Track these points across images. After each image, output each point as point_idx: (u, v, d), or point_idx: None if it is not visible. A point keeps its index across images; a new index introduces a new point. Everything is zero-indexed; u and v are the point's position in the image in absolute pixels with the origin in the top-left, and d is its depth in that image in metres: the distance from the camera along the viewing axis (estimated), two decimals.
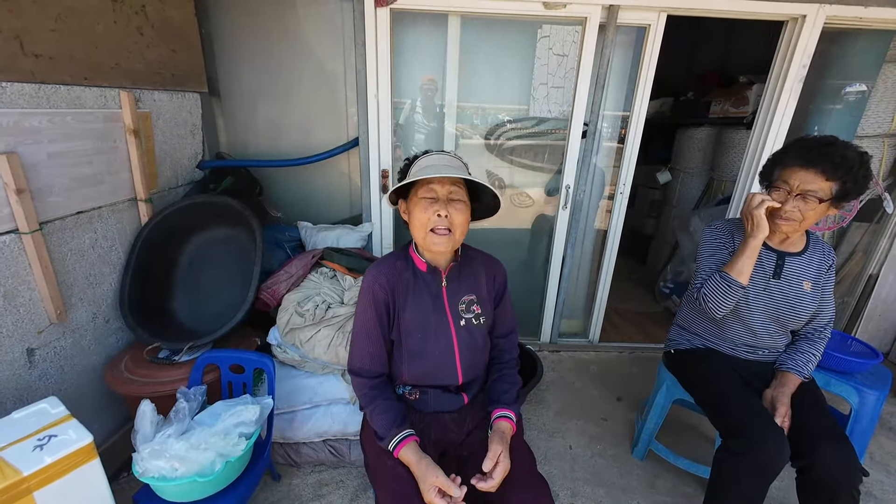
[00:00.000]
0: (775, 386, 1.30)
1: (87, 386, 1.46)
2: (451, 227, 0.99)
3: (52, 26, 1.24)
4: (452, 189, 0.99)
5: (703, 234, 1.43)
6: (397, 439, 0.97)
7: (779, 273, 1.32)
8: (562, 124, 2.14)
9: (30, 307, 1.24)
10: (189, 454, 1.09)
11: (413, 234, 1.06)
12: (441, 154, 1.06)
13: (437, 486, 0.89)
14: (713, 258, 1.37)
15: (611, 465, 1.70)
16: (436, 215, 0.97)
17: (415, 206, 1.01)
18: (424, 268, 1.08)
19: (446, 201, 0.99)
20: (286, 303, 1.61)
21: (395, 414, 1.02)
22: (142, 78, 1.58)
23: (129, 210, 1.58)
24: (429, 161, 1.04)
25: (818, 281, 1.33)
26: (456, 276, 1.10)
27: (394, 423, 1.00)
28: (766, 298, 1.32)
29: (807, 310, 1.32)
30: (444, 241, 0.99)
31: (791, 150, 1.23)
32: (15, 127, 1.15)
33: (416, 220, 1.01)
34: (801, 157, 1.18)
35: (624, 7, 1.88)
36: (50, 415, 1.05)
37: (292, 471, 1.59)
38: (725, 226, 1.40)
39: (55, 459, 0.93)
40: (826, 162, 1.15)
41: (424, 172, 0.98)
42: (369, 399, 1.05)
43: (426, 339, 1.06)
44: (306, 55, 2.09)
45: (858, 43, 2.08)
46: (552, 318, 2.46)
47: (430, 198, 0.99)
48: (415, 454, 0.95)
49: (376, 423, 1.01)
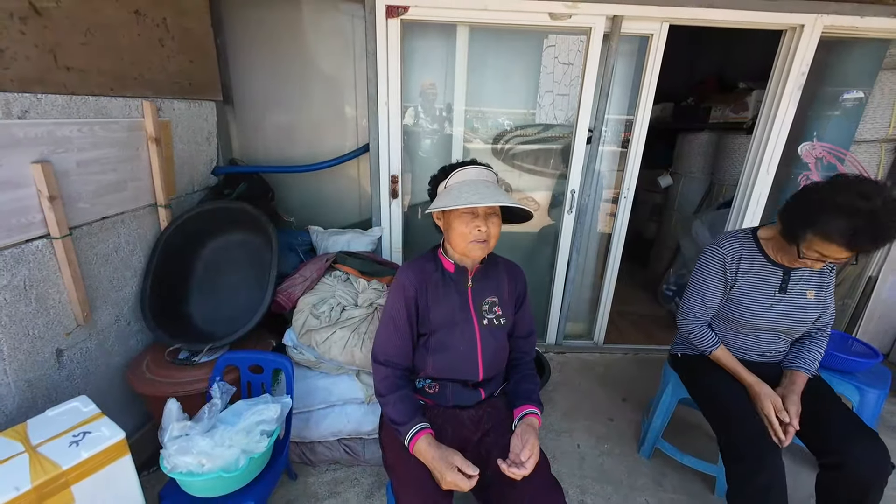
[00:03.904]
0: (785, 385, 1.31)
1: (109, 386, 1.50)
2: (488, 239, 1.08)
3: (82, 40, 1.29)
4: (491, 206, 1.09)
5: (700, 257, 1.43)
6: (416, 428, 1.02)
7: (785, 288, 1.32)
8: (567, 130, 2.20)
9: (59, 310, 1.28)
10: (215, 451, 1.13)
11: (451, 242, 1.14)
12: (478, 168, 1.12)
13: (457, 467, 0.94)
14: (700, 294, 1.39)
15: (618, 464, 1.74)
16: (476, 230, 1.06)
17: (455, 219, 1.09)
18: (452, 269, 1.16)
19: (485, 217, 1.08)
20: (301, 305, 1.65)
21: (416, 406, 1.08)
22: (162, 88, 1.63)
23: (149, 215, 1.63)
24: (466, 176, 1.11)
25: (822, 288, 1.34)
26: (481, 277, 1.18)
27: (415, 412, 1.06)
28: (772, 313, 1.33)
29: (812, 317, 1.33)
30: (482, 248, 1.10)
31: (833, 223, 1.05)
32: (48, 137, 1.20)
33: (456, 232, 1.09)
34: (844, 238, 1.05)
35: (627, 17, 1.94)
36: (82, 412, 1.09)
37: (308, 469, 1.63)
38: (720, 253, 1.36)
39: (91, 455, 0.97)
40: (869, 243, 1.05)
41: (463, 189, 1.06)
42: (394, 387, 1.10)
43: (452, 334, 1.13)
44: (317, 64, 2.14)
45: (855, 51, 2.14)
46: (558, 320, 2.50)
47: (471, 214, 1.08)
48: (431, 442, 1.01)
49: (397, 410, 1.06)
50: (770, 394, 1.26)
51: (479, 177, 1.11)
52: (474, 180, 1.10)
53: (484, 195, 1.05)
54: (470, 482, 0.94)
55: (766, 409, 1.23)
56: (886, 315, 2.46)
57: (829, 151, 2.28)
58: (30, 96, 1.15)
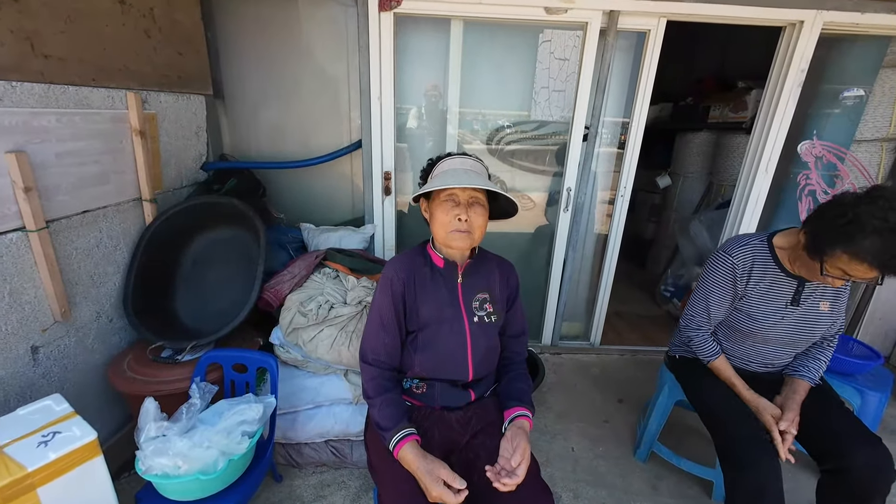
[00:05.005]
0: (786, 392, 1.26)
1: (89, 384, 1.46)
2: (470, 230, 1.04)
3: (61, 28, 1.25)
4: (473, 194, 1.05)
5: (708, 263, 1.35)
6: (402, 434, 0.98)
7: (797, 300, 1.24)
8: (563, 128, 2.16)
9: (35, 305, 1.24)
10: (192, 452, 1.09)
11: (433, 232, 1.10)
12: (463, 157, 1.10)
13: (443, 479, 0.89)
14: (705, 302, 1.33)
15: (613, 467, 1.70)
16: (456, 219, 1.03)
17: (437, 207, 1.06)
18: (441, 263, 1.12)
19: (467, 206, 1.04)
20: (289, 302, 1.61)
21: (402, 410, 1.03)
22: (148, 80, 1.60)
23: (133, 210, 1.59)
24: (451, 164, 1.09)
25: (836, 299, 1.26)
26: (471, 273, 1.14)
27: (401, 417, 1.01)
28: (781, 326, 1.26)
29: (822, 330, 1.28)
30: (464, 238, 1.05)
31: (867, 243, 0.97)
32: (24, 126, 1.16)
33: (437, 221, 1.06)
34: (878, 260, 0.98)
35: (624, 12, 1.91)
36: (54, 412, 1.05)
37: (294, 471, 1.59)
38: (731, 263, 1.28)
39: (59, 456, 0.93)
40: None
41: (446, 176, 1.04)
42: (382, 389, 1.05)
43: (440, 331, 1.08)
44: (309, 58, 2.11)
45: (856, 48, 2.11)
46: (553, 320, 2.46)
47: (452, 201, 1.04)
48: (417, 451, 0.96)
49: (384, 413, 1.01)
50: (768, 407, 1.22)
51: (463, 165, 1.08)
52: (458, 168, 1.07)
53: (462, 181, 1.01)
54: (458, 497, 0.88)
55: (769, 424, 1.19)
56: (887, 317, 2.43)
57: (829, 150, 2.25)
58: (4, 84, 1.11)
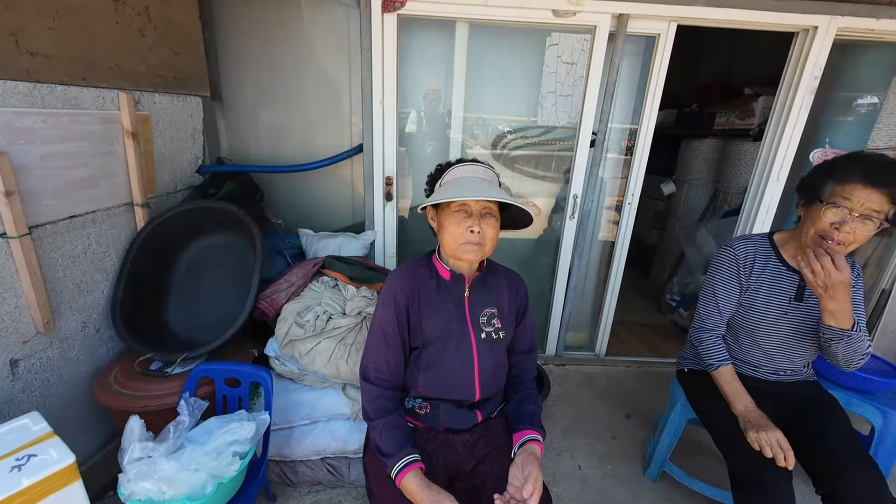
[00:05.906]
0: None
1: (74, 399, 1.38)
2: (483, 242, 0.99)
3: (49, 24, 1.19)
4: (486, 205, 0.99)
5: (712, 260, 1.36)
6: (405, 461, 0.91)
7: (801, 295, 1.23)
8: (570, 133, 2.11)
9: (15, 315, 1.17)
10: (179, 475, 1.02)
11: (442, 243, 1.04)
12: (475, 165, 1.04)
13: None
14: (714, 300, 1.31)
15: (622, 487, 1.63)
16: (469, 231, 0.97)
17: (447, 218, 1.00)
18: (448, 276, 1.06)
19: (479, 217, 0.98)
20: (285, 312, 1.54)
21: (406, 434, 0.96)
22: (142, 80, 1.54)
23: (124, 215, 1.52)
24: (462, 172, 1.03)
25: None
26: (479, 287, 1.07)
27: (405, 442, 0.94)
28: (785, 322, 1.24)
29: None
30: (475, 251, 0.99)
31: (851, 166, 1.08)
32: (6, 127, 1.09)
33: (447, 232, 1.00)
34: (866, 176, 1.05)
35: (634, 16, 1.86)
36: (31, 432, 0.97)
37: (288, 491, 1.51)
38: (732, 254, 1.30)
39: (33, 482, 0.85)
40: (891, 175, 1.04)
41: (458, 186, 0.99)
42: (384, 411, 0.98)
43: (446, 349, 1.02)
44: (310, 60, 2.06)
45: (870, 55, 2.06)
46: (558, 330, 2.40)
47: (464, 212, 0.98)
48: (421, 480, 0.89)
49: (385, 437, 0.94)
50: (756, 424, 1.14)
51: (475, 173, 1.02)
52: (470, 177, 1.01)
53: (476, 191, 0.96)
54: None
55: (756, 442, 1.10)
56: None
57: None
58: None
